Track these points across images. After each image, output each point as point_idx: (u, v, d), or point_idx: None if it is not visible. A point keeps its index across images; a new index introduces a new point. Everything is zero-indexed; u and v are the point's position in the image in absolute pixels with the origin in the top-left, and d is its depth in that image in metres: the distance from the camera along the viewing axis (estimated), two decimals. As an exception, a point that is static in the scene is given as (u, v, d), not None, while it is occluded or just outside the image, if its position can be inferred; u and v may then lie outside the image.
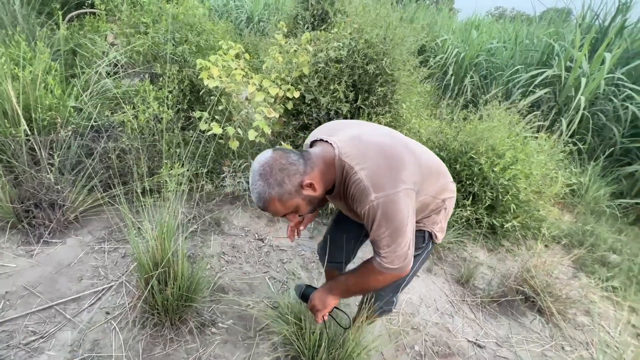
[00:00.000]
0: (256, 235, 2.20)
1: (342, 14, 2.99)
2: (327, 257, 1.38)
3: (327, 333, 1.27)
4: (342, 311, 1.23)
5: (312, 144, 1.04)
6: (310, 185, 0.91)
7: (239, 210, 2.36)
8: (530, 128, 3.01)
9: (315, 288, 1.16)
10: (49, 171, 1.66)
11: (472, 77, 4.56)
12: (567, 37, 4.14)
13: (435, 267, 2.20)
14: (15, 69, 1.77)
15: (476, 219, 2.46)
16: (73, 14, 3.43)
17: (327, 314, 1.14)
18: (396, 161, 0.90)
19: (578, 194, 3.19)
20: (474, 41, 4.99)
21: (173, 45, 2.72)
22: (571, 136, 3.51)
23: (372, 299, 1.21)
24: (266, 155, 0.90)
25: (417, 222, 1.07)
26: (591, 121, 3.62)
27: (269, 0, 7.13)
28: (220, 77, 2.18)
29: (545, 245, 2.51)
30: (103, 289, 1.53)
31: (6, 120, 1.67)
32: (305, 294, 1.17)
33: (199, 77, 2.39)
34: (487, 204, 2.44)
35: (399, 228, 0.87)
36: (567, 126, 3.54)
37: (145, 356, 1.30)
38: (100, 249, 1.73)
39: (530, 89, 3.89)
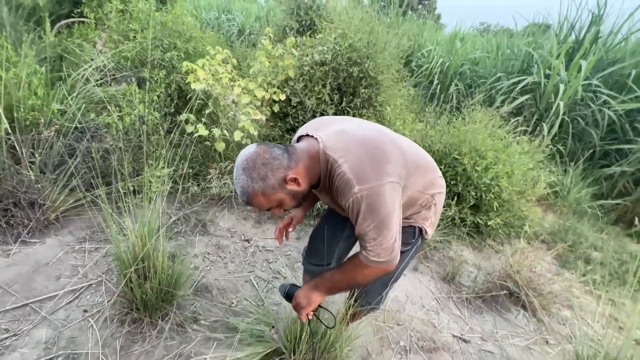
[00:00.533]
0: (242, 237, 2.19)
1: (328, 22, 3.08)
2: (309, 252, 1.35)
3: (309, 327, 1.26)
4: (327, 310, 1.21)
5: (298, 140, 1.04)
6: (295, 180, 0.90)
7: (225, 212, 2.35)
8: (514, 133, 3.10)
9: (300, 287, 1.14)
10: (29, 169, 1.64)
11: (457, 85, 4.69)
12: (545, 46, 4.32)
13: (421, 265, 2.21)
14: (-1, 70, 1.77)
15: (461, 218, 2.49)
16: (62, 22, 3.46)
17: (312, 312, 1.10)
18: (381, 154, 0.90)
19: (561, 195, 3.26)
20: (458, 51, 5.16)
21: (161, 51, 2.76)
22: (552, 140, 3.62)
23: (360, 295, 1.19)
24: (250, 149, 0.89)
25: (407, 218, 1.07)
26: (571, 126, 3.74)
27: (261, 13, 7.29)
28: (207, 80, 2.21)
29: (528, 243, 2.54)
30: (82, 288, 1.50)
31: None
32: (289, 293, 1.13)
33: (186, 82, 2.42)
34: (471, 204, 2.49)
35: (384, 221, 0.86)
36: (549, 131, 3.65)
37: (123, 353, 1.27)
38: (80, 249, 1.71)
39: (512, 95, 4.02)
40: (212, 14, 7.26)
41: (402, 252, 1.07)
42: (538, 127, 3.80)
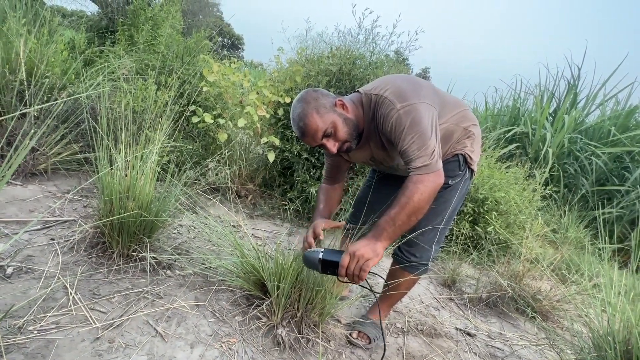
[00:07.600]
0: (231, 223, 2.09)
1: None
2: (354, 215, 1.36)
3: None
4: (376, 274, 1.03)
5: None
6: (343, 105, 1.04)
7: (217, 201, 2.27)
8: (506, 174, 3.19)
9: (339, 251, 0.94)
10: (32, 108, 1.65)
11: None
12: (529, 105, 4.73)
13: (419, 269, 2.06)
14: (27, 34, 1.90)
15: (458, 229, 2.41)
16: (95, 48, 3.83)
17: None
18: (416, 83, 1.05)
19: (560, 232, 3.21)
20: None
21: (181, 64, 3.01)
22: (545, 184, 3.71)
23: (409, 253, 1.18)
24: (302, 92, 1.06)
25: (448, 150, 1.13)
26: (562, 172, 3.87)
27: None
28: (219, 73, 2.37)
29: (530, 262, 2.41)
30: (55, 222, 1.38)
31: (8, 66, 1.73)
32: (327, 260, 0.92)
33: (199, 94, 2.60)
34: (470, 218, 2.44)
35: (425, 132, 0.93)
36: (540, 176, 3.76)
37: (82, 278, 1.11)
38: (62, 196, 1.61)
39: (502, 143, 4.25)
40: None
41: (450, 186, 1.13)
42: (529, 175, 3.93)
